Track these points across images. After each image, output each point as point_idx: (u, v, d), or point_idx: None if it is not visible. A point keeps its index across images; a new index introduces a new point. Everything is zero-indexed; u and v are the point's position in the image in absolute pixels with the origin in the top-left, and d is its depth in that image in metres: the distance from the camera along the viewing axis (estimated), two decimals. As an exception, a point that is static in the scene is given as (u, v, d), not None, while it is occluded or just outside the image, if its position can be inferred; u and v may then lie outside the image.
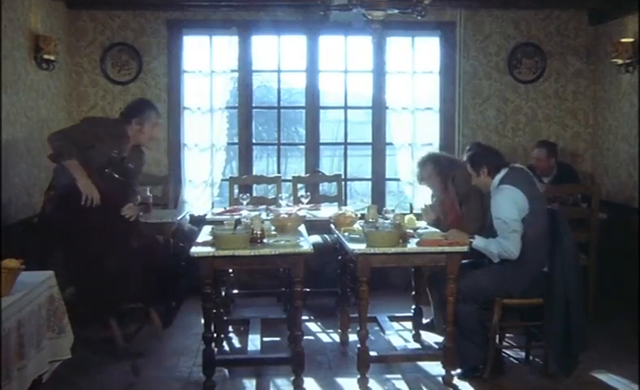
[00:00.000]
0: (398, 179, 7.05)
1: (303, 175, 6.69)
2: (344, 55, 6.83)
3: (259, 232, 4.18)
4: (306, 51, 6.78)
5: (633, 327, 5.14)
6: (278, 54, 6.82)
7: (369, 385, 4.22)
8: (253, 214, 4.70)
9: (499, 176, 4.35)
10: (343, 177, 6.77)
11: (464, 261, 4.31)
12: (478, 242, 4.27)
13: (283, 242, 4.18)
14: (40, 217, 4.78)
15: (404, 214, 4.95)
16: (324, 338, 5.37)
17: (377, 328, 5.15)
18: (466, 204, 4.93)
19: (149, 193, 5.91)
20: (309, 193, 6.03)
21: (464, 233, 4.33)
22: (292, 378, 4.18)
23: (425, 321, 5.29)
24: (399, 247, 4.12)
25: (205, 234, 4.50)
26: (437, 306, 4.81)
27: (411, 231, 4.44)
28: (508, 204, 4.21)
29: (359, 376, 4.20)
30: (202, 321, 4.16)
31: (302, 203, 5.83)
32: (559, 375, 4.34)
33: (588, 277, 5.41)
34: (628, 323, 5.33)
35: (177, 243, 5.84)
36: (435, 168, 5.05)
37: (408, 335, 5.23)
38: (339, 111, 7.11)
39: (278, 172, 6.89)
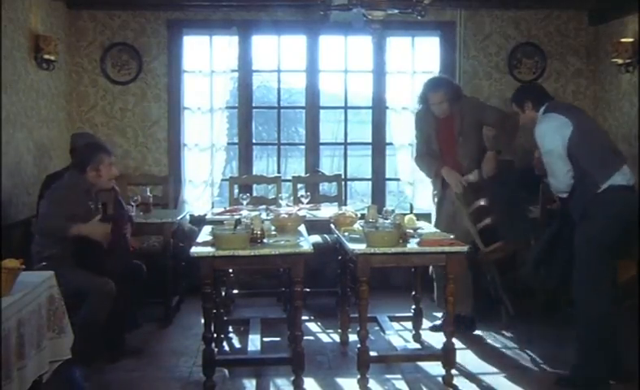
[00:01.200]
0: (398, 179, 7.04)
1: (303, 175, 6.69)
2: (344, 55, 6.82)
3: (259, 232, 4.18)
4: (306, 51, 6.78)
5: (633, 327, 5.14)
6: (278, 54, 6.82)
7: (369, 385, 4.21)
8: (253, 214, 4.70)
9: (543, 108, 4.27)
10: (343, 177, 6.77)
11: None
12: None
13: (283, 242, 4.18)
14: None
15: (404, 214, 4.95)
16: (324, 338, 5.36)
17: (377, 328, 5.15)
18: (464, 136, 5.06)
19: (149, 193, 5.92)
20: (309, 193, 6.03)
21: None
22: (292, 378, 4.18)
23: (429, 324, 5.31)
24: (399, 247, 4.11)
25: (205, 234, 4.49)
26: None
27: (411, 231, 4.43)
28: (550, 132, 4.11)
29: (359, 376, 4.20)
30: (202, 321, 4.16)
31: (302, 203, 5.84)
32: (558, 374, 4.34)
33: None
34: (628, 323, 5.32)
35: (177, 243, 5.85)
36: (447, 94, 5.12)
37: (408, 335, 5.22)
38: (339, 111, 7.12)
39: (278, 172, 6.89)
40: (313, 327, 5.59)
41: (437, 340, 4.98)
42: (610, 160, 4.14)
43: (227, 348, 5.12)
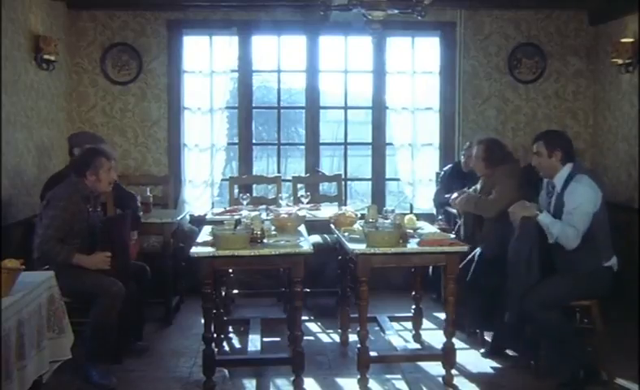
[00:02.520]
0: (398, 179, 7.05)
1: (303, 175, 6.69)
2: (344, 55, 6.83)
3: (259, 232, 4.18)
4: (306, 51, 6.78)
5: (633, 327, 5.14)
6: (278, 54, 6.82)
7: (369, 385, 4.22)
8: (253, 214, 4.70)
9: (569, 165, 4.26)
10: (343, 177, 6.77)
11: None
12: (544, 218, 4.20)
13: (283, 242, 4.19)
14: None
15: (404, 214, 4.95)
16: (324, 338, 5.37)
17: (377, 328, 5.15)
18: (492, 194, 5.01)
19: (148, 193, 5.93)
20: (309, 193, 6.03)
21: (532, 205, 4.32)
22: (292, 378, 4.18)
23: (430, 324, 5.31)
24: (399, 247, 4.12)
25: (205, 234, 4.50)
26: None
27: (411, 231, 4.44)
28: (587, 197, 4.13)
29: (359, 376, 4.20)
30: (202, 321, 4.16)
31: (302, 203, 5.84)
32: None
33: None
34: (628, 323, 5.33)
35: (177, 243, 5.85)
36: (484, 153, 5.10)
37: (408, 335, 5.23)
38: (339, 111, 7.12)
39: (278, 172, 6.89)
40: (313, 327, 5.59)
41: (437, 340, 4.98)
42: (610, 242, 4.30)
43: (226, 348, 5.13)
